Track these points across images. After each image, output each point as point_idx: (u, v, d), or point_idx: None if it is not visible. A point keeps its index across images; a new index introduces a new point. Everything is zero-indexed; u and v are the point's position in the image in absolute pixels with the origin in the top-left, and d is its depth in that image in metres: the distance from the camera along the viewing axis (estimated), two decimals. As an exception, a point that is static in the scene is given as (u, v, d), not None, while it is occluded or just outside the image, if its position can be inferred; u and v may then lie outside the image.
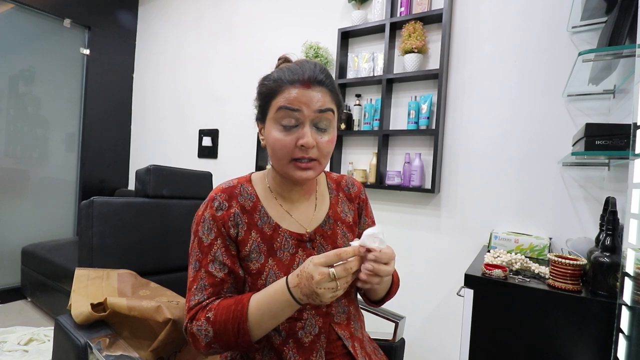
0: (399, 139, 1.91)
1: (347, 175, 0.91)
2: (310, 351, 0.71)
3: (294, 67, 0.68)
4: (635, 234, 0.78)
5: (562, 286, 0.97)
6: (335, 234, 0.79)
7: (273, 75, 0.69)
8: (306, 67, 0.68)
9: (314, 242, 0.76)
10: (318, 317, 0.73)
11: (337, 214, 0.82)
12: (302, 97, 0.66)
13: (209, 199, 0.74)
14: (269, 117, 0.69)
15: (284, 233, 0.74)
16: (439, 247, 1.78)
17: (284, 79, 0.67)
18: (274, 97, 0.67)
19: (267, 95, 0.69)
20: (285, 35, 2.36)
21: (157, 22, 3.16)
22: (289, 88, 0.66)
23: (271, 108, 0.68)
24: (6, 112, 2.61)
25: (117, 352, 0.80)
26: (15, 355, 1.85)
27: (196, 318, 0.66)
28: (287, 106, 0.66)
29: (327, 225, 0.79)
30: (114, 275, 1.06)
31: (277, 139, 0.67)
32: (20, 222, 2.70)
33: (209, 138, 2.75)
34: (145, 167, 1.29)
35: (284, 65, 0.71)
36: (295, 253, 0.74)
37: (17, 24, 2.63)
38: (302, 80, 0.66)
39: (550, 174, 1.52)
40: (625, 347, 0.78)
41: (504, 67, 1.63)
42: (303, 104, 0.66)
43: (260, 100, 0.71)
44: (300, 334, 0.71)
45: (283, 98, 0.66)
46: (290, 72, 0.67)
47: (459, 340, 1.08)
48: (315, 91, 0.67)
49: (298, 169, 0.68)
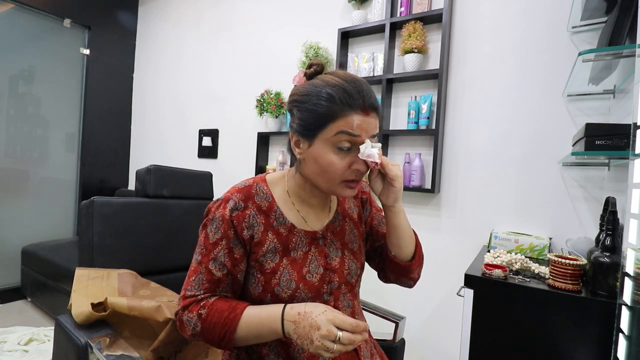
0: (399, 139, 1.91)
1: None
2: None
3: (350, 88, 0.66)
4: (635, 234, 0.78)
5: (562, 286, 0.97)
6: (344, 230, 0.82)
7: (329, 94, 0.66)
8: (363, 90, 0.67)
9: (325, 239, 0.78)
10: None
11: (345, 211, 0.84)
12: (363, 124, 0.67)
13: (224, 198, 0.73)
14: (321, 137, 0.68)
15: (299, 233, 0.75)
16: (439, 247, 1.78)
17: (345, 103, 0.66)
18: (334, 119, 0.66)
19: (324, 116, 0.66)
20: (285, 35, 2.36)
21: (157, 22, 3.16)
22: (351, 114, 0.66)
23: (327, 129, 0.67)
24: (6, 112, 2.61)
25: (117, 351, 0.81)
26: (15, 355, 1.85)
27: (189, 309, 0.69)
28: (349, 132, 0.66)
29: (337, 222, 0.81)
30: (114, 275, 1.06)
31: (332, 162, 0.68)
32: (20, 222, 2.70)
33: (209, 138, 2.75)
34: (146, 167, 1.29)
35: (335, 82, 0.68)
36: (308, 251, 0.75)
37: (17, 24, 2.63)
38: (363, 107, 0.67)
39: (550, 174, 1.52)
40: (625, 347, 0.78)
41: (504, 67, 1.63)
42: (363, 131, 0.67)
43: (312, 118, 0.68)
44: None
45: (345, 123, 0.66)
46: (348, 95, 0.66)
47: (459, 340, 1.08)
48: (372, 118, 0.69)
49: (348, 188, 0.71)
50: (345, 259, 0.78)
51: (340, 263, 0.77)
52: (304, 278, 0.72)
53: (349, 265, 0.78)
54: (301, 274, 0.73)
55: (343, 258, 0.78)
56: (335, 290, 0.76)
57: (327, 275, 0.75)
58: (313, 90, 0.68)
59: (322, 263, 0.75)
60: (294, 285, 0.71)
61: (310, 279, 0.73)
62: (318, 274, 0.74)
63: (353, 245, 0.82)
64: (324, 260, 0.76)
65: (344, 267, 0.78)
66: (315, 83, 0.70)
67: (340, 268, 0.77)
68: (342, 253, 0.79)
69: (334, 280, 0.76)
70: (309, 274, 0.73)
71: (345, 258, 0.78)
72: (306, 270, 0.73)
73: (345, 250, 0.79)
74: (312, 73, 0.73)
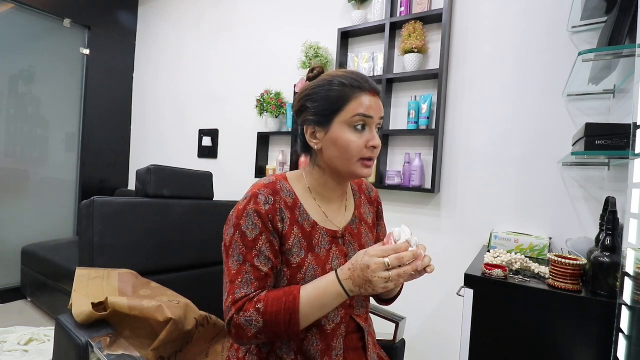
0: (399, 138, 1.92)
1: (365, 180, 0.97)
2: (331, 337, 0.76)
3: (355, 76, 0.74)
4: (635, 234, 0.79)
5: (562, 286, 0.97)
6: (360, 233, 0.85)
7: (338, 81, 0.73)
8: (365, 77, 0.75)
9: (344, 239, 0.81)
10: (340, 307, 0.77)
11: (361, 215, 0.88)
12: (374, 104, 0.73)
13: (253, 194, 0.74)
14: (338, 120, 0.73)
15: (321, 230, 0.78)
16: (439, 247, 1.78)
17: (356, 86, 0.72)
18: (348, 101, 0.72)
19: (339, 99, 0.72)
20: (285, 35, 2.36)
21: (157, 22, 3.16)
22: (362, 95, 0.72)
23: (343, 112, 0.72)
24: (6, 112, 2.61)
25: (118, 351, 0.81)
26: (15, 355, 1.85)
27: (244, 309, 0.68)
28: (364, 113, 0.72)
29: (355, 225, 0.84)
30: (115, 275, 1.06)
31: (351, 140, 0.73)
32: (20, 222, 2.70)
33: (209, 138, 2.75)
34: (146, 167, 1.29)
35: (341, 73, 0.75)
36: (330, 249, 0.78)
37: (17, 24, 2.63)
38: (371, 90, 0.73)
39: (550, 174, 1.52)
40: (625, 347, 0.78)
41: (504, 67, 1.64)
42: (374, 111, 0.73)
43: (328, 104, 0.73)
44: (324, 322, 0.75)
45: (358, 104, 0.72)
46: (356, 80, 0.73)
47: (459, 340, 1.08)
48: (379, 100, 0.75)
49: (365, 166, 0.75)
50: None
51: None
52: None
53: None
54: (325, 270, 0.74)
55: None
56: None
57: None
58: (324, 81, 0.75)
59: (343, 262, 0.77)
60: None
61: None
62: None
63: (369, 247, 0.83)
64: (344, 260, 0.78)
65: None
66: (323, 77, 0.76)
67: None
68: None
69: None
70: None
71: None
72: (329, 267, 0.75)
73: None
74: (315, 75, 0.79)
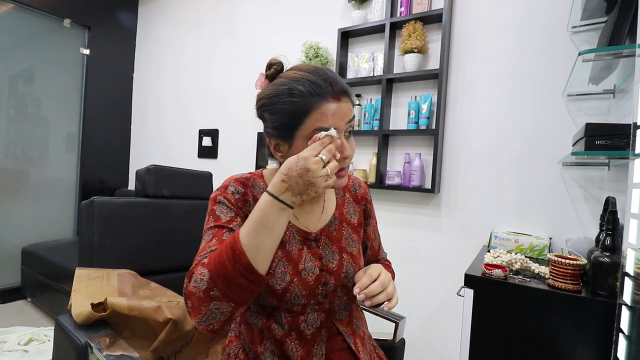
0: (399, 139, 1.91)
1: (353, 176, 0.91)
2: (311, 343, 0.73)
3: (316, 78, 0.65)
4: (635, 234, 0.78)
5: (562, 286, 0.97)
6: (341, 235, 0.80)
7: (297, 89, 0.65)
8: (329, 78, 0.66)
9: (318, 242, 0.77)
10: (320, 312, 0.74)
11: (342, 215, 0.83)
12: (338, 111, 0.65)
13: (223, 186, 0.74)
14: (300, 134, 0.66)
15: (292, 228, 0.75)
16: (439, 247, 1.78)
17: (315, 94, 0.64)
18: (308, 113, 0.64)
19: (298, 112, 0.65)
20: (285, 35, 2.36)
21: (157, 22, 3.16)
22: (323, 104, 0.64)
23: (304, 126, 0.65)
24: (6, 112, 2.61)
25: (117, 351, 0.80)
26: (15, 355, 1.85)
27: (192, 272, 0.61)
28: (325, 127, 0.64)
29: (333, 226, 0.80)
30: (114, 275, 1.06)
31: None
32: (20, 222, 2.70)
33: (209, 138, 2.75)
34: (146, 167, 1.29)
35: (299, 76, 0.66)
36: (302, 249, 0.75)
37: (17, 24, 2.63)
38: (334, 94, 0.65)
39: (550, 174, 1.52)
40: (625, 347, 0.78)
41: (504, 67, 1.63)
42: (339, 120, 0.65)
43: (286, 118, 0.66)
44: (303, 326, 0.73)
45: (320, 115, 0.64)
46: (316, 85, 0.64)
47: (459, 340, 1.08)
48: (345, 102, 0.67)
49: (339, 177, 0.70)
50: (343, 262, 0.77)
51: (338, 266, 0.76)
52: (299, 274, 0.72)
53: (347, 268, 0.77)
54: (297, 269, 0.72)
55: (341, 261, 0.77)
56: (331, 293, 0.75)
57: (323, 277, 0.74)
58: (280, 90, 0.66)
59: (318, 264, 0.74)
60: (289, 279, 0.70)
61: (305, 277, 0.72)
62: (314, 273, 0.73)
63: (352, 249, 0.80)
64: (319, 262, 0.75)
65: (342, 270, 0.76)
66: (280, 82, 0.68)
67: (338, 271, 0.76)
68: (341, 256, 0.77)
69: (329, 283, 0.74)
70: (305, 272, 0.72)
71: (343, 261, 0.77)
72: (302, 267, 0.72)
73: (343, 254, 0.78)
74: (272, 74, 0.71)
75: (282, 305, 0.72)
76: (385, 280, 0.69)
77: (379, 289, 0.67)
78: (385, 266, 0.90)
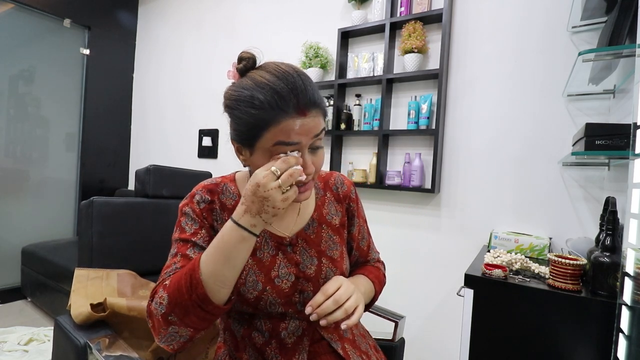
0: (399, 139, 1.91)
1: (337, 173, 0.86)
2: (292, 352, 0.70)
3: (281, 87, 0.58)
4: (635, 234, 0.78)
5: (562, 286, 0.97)
6: (320, 237, 0.76)
7: (257, 99, 0.58)
8: (297, 88, 0.58)
9: (295, 247, 0.73)
10: (302, 319, 0.71)
11: (322, 217, 0.78)
12: (302, 128, 0.59)
13: (190, 194, 0.73)
14: (260, 146, 0.61)
15: (264, 233, 0.72)
16: (439, 247, 1.78)
17: (277, 107, 0.57)
18: (266, 128, 0.59)
19: (256, 126, 0.59)
20: (285, 35, 2.36)
21: (157, 22, 3.16)
22: (285, 119, 0.58)
23: (263, 139, 0.60)
24: (6, 112, 2.61)
25: (116, 352, 0.80)
26: (15, 355, 1.85)
27: (155, 292, 0.61)
28: (286, 142, 0.59)
29: (311, 229, 0.76)
30: (114, 275, 1.06)
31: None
32: (20, 222, 2.70)
33: (209, 138, 2.75)
34: (145, 167, 1.29)
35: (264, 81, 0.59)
36: (276, 255, 0.71)
37: (17, 24, 2.63)
38: (298, 109, 0.58)
39: (550, 174, 1.52)
40: (625, 347, 0.78)
41: (504, 67, 1.63)
42: (302, 135, 0.59)
43: (244, 127, 0.61)
44: (284, 334, 0.70)
45: (279, 131, 0.58)
46: (279, 97, 0.57)
47: (459, 340, 1.08)
48: (312, 117, 0.60)
49: (301, 193, 0.64)
50: (322, 267, 0.73)
51: (316, 271, 0.72)
52: (272, 281, 0.69)
53: (327, 273, 0.73)
54: (269, 276, 0.69)
55: (320, 266, 0.73)
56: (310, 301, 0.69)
57: (300, 284, 0.70)
58: (242, 95, 0.60)
59: (294, 271, 0.71)
60: (261, 287, 0.68)
61: (279, 284, 0.69)
62: (289, 280, 0.70)
63: (332, 252, 0.76)
64: (295, 268, 0.71)
65: (320, 276, 0.72)
66: (245, 84, 0.61)
67: (317, 276, 0.72)
68: (319, 261, 0.73)
69: (307, 290, 0.71)
70: (278, 279, 0.69)
71: (322, 266, 0.73)
72: (275, 274, 0.69)
73: (322, 258, 0.74)
74: (241, 69, 0.65)
75: (258, 312, 0.70)
76: (343, 295, 0.64)
77: (332, 307, 0.62)
78: (375, 268, 0.87)
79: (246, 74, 0.65)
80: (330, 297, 0.63)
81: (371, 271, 0.84)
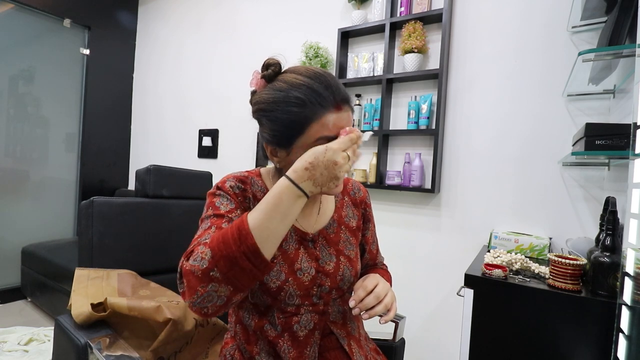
0: (399, 139, 1.91)
1: (353, 179, 0.92)
2: (304, 345, 0.72)
3: (317, 86, 0.63)
4: (635, 234, 0.78)
5: (562, 286, 0.97)
6: (339, 237, 0.80)
7: (298, 98, 0.63)
8: (331, 86, 0.64)
9: (316, 243, 0.76)
10: (314, 313, 0.74)
11: (341, 218, 0.82)
12: (339, 122, 0.64)
13: (221, 181, 0.72)
14: (299, 144, 0.65)
15: (290, 228, 0.73)
16: (439, 247, 1.78)
17: (317, 103, 0.63)
18: (309, 124, 0.63)
19: (298, 123, 0.63)
20: (285, 35, 2.36)
21: (157, 22, 3.16)
22: (325, 114, 0.63)
23: (304, 136, 0.64)
24: (6, 112, 2.61)
25: (117, 352, 0.80)
26: (15, 355, 1.85)
27: (192, 251, 0.58)
28: (328, 136, 0.63)
29: (332, 229, 0.79)
30: (114, 275, 1.06)
31: None
32: (20, 222, 2.70)
33: (209, 138, 2.75)
34: (145, 167, 1.29)
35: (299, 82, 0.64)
36: (299, 249, 0.74)
37: (17, 24, 2.63)
38: (335, 104, 0.64)
39: (550, 174, 1.52)
40: (625, 347, 0.78)
41: (504, 67, 1.63)
42: (339, 129, 0.64)
43: (285, 127, 0.65)
44: (296, 327, 0.72)
45: (320, 126, 0.63)
46: (317, 95, 0.63)
47: (459, 340, 1.08)
48: (345, 111, 0.66)
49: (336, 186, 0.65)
50: (340, 265, 0.76)
51: (335, 268, 0.75)
52: (295, 274, 0.71)
53: (344, 271, 0.76)
54: (292, 268, 0.71)
55: (338, 263, 0.76)
56: (326, 295, 0.75)
57: (319, 278, 0.73)
58: (278, 97, 0.64)
59: (314, 265, 0.74)
60: (284, 277, 0.70)
61: (301, 277, 0.71)
62: (310, 274, 0.72)
63: (349, 252, 0.80)
64: (315, 263, 0.74)
65: (338, 273, 0.76)
66: (279, 87, 0.65)
67: (334, 273, 0.75)
68: (337, 259, 0.77)
69: (325, 284, 0.74)
70: (300, 272, 0.72)
71: (340, 264, 0.77)
72: (298, 267, 0.72)
73: (340, 256, 0.78)
74: (270, 75, 0.68)
75: (276, 304, 0.71)
76: (382, 291, 0.69)
77: (374, 302, 0.68)
78: (385, 271, 0.91)
79: (275, 79, 0.68)
80: (370, 293, 0.69)
81: (383, 274, 0.87)
